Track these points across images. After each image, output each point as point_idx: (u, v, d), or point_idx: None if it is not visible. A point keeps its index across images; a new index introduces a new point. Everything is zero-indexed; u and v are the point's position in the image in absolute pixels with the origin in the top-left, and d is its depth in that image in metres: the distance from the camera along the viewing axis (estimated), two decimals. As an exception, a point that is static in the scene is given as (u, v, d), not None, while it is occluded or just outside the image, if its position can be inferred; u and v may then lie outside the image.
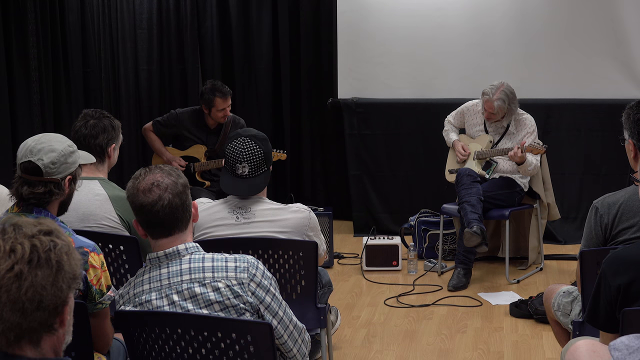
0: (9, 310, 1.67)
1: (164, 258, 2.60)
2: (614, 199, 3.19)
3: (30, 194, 2.79)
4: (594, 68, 6.68)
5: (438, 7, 6.78)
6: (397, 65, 6.93)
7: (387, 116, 7.01)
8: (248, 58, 7.55)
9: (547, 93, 6.69)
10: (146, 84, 7.60)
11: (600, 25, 6.64)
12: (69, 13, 6.62)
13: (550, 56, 6.73)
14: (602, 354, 2.48)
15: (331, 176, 7.55)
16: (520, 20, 6.74)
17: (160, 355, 2.59)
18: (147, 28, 7.54)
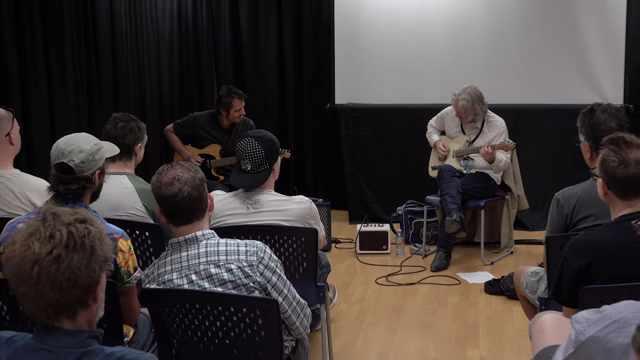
0: (48, 289, 1.69)
1: (184, 243, 2.62)
2: (573, 191, 3.21)
3: (66, 191, 2.78)
4: (558, 78, 6.67)
5: (423, 24, 6.76)
6: (387, 75, 6.90)
7: (378, 119, 6.98)
8: (257, 68, 7.51)
9: (517, 99, 6.67)
10: (168, 90, 7.58)
11: (563, 42, 6.64)
12: (100, 29, 6.61)
13: (520, 68, 6.73)
14: (564, 326, 2.44)
15: (329, 171, 7.53)
16: (493, 37, 6.73)
17: (181, 327, 2.60)
18: (168, 42, 7.52)
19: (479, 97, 5.66)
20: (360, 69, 6.98)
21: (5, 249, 1.78)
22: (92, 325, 1.81)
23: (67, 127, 5.84)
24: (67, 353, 1.74)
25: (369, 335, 4.50)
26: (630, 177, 2.52)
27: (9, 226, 2.87)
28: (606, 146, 2.61)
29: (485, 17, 6.75)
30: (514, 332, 4.49)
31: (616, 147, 2.56)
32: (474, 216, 6.08)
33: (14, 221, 2.88)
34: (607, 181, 2.59)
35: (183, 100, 7.60)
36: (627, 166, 2.52)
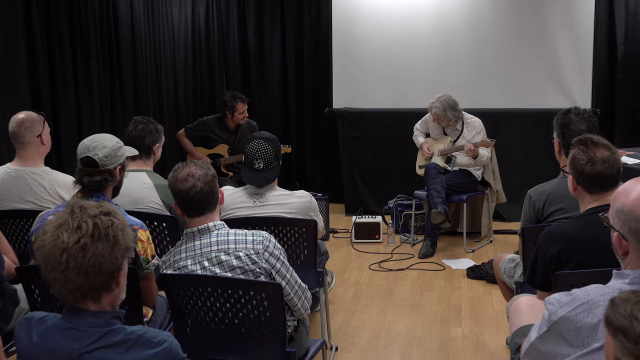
0: (75, 274, 1.69)
1: (197, 233, 2.62)
2: (543, 188, 3.22)
3: (90, 182, 2.78)
4: (532, 85, 6.68)
5: (411, 38, 6.76)
6: (379, 82, 6.89)
7: (371, 122, 6.97)
8: (262, 76, 7.50)
9: (496, 104, 6.67)
10: (183, 96, 7.60)
11: (538, 54, 6.64)
12: (122, 41, 6.61)
13: (498, 76, 6.73)
14: (538, 307, 2.47)
15: (328, 169, 7.53)
16: (474, 49, 6.73)
17: (194, 308, 2.61)
18: (183, 53, 7.53)
19: (451, 105, 5.67)
20: (355, 77, 6.97)
21: (37, 239, 1.79)
22: (115, 307, 1.82)
23: (92, 129, 5.84)
24: (92, 331, 1.75)
25: (363, 315, 4.51)
26: (597, 174, 2.54)
27: (40, 218, 2.87)
28: (576, 146, 2.63)
29: (467, 31, 6.74)
30: (493, 312, 4.50)
31: (585, 147, 2.59)
32: (457, 209, 6.09)
33: (45, 213, 2.88)
34: (576, 178, 2.61)
35: (196, 105, 7.60)
36: (594, 164, 2.54)
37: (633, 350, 1.20)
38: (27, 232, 3.38)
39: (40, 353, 1.78)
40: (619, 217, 1.84)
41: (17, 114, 3.57)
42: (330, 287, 4.64)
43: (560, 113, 3.39)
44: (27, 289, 2.75)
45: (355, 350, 3.99)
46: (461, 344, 4.05)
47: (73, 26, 5.85)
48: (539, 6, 6.62)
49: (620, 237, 1.84)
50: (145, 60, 7.12)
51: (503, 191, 6.08)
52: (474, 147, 5.55)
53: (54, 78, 5.62)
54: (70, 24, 5.82)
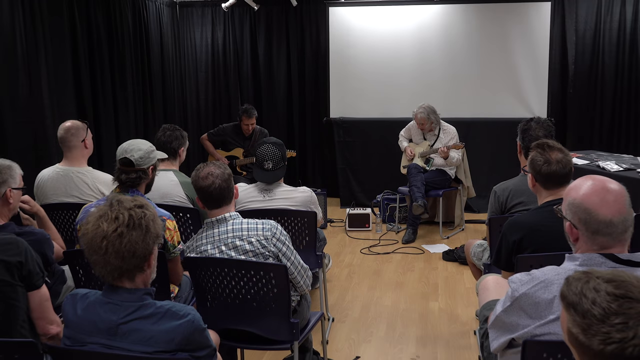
0: (113, 258, 1.70)
1: (216, 222, 2.62)
2: (506, 185, 3.22)
3: (127, 179, 2.80)
4: (498, 98, 6.69)
5: (396, 59, 6.76)
6: (368, 96, 6.89)
7: (362, 129, 6.96)
8: (270, 90, 7.49)
9: (468, 114, 6.67)
10: (204, 107, 7.61)
11: (502, 72, 6.66)
12: (153, 61, 6.61)
13: (469, 91, 6.73)
14: (503, 285, 2.45)
15: (326, 168, 7.52)
16: (449, 68, 6.73)
17: (213, 286, 2.62)
18: (204, 71, 7.55)
19: (432, 110, 5.75)
20: (348, 92, 6.97)
21: (82, 227, 1.79)
22: (147, 285, 1.83)
23: (128, 135, 5.85)
24: (128, 305, 1.75)
25: (355, 291, 4.51)
26: (552, 173, 2.55)
27: (84, 210, 2.87)
28: (534, 149, 2.63)
29: (442, 53, 6.74)
30: (465, 289, 4.51)
31: (542, 150, 2.59)
32: (434, 202, 6.09)
33: (88, 206, 2.88)
34: (534, 176, 2.61)
35: (215, 115, 7.61)
36: (550, 164, 2.55)
37: (581, 323, 1.20)
38: (73, 222, 3.38)
39: (83, 324, 1.78)
40: (570, 209, 1.84)
41: (65, 122, 3.57)
42: (327, 267, 4.65)
43: (523, 121, 3.39)
44: (72, 270, 2.76)
45: (349, 320, 4.00)
46: (438, 316, 4.06)
47: (112, 49, 5.87)
48: (503, 32, 6.62)
49: (571, 226, 1.84)
50: (172, 77, 7.12)
51: (473, 187, 6.10)
52: (446, 149, 5.59)
53: (96, 92, 5.63)
54: (109, 48, 5.83)
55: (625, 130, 6.79)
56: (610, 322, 1.15)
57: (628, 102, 6.73)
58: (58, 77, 5.07)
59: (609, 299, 1.18)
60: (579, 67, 6.79)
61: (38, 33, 4.81)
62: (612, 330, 1.14)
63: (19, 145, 4.56)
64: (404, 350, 3.58)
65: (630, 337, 1.12)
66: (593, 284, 1.22)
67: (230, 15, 7.40)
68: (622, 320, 1.14)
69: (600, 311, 1.17)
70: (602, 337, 1.15)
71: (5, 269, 2.08)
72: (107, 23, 5.81)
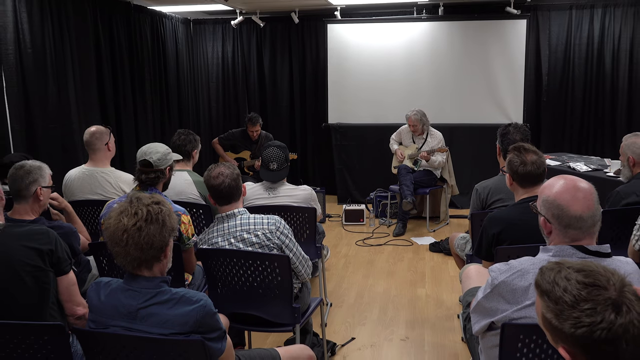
0: (133, 249, 1.70)
1: (226, 217, 2.62)
2: (487, 183, 3.21)
3: (146, 179, 2.81)
4: (479, 106, 6.66)
5: (387, 71, 6.73)
6: (363, 104, 6.86)
7: (357, 133, 6.93)
8: (275, 99, 7.47)
9: (452, 120, 6.64)
10: (215, 114, 7.61)
11: (483, 82, 6.62)
12: (169, 73, 6.63)
13: (453, 100, 6.70)
14: (483, 273, 2.48)
15: (325, 169, 7.51)
16: (436, 78, 6.70)
17: (224, 274, 2.61)
18: (215, 81, 7.55)
19: (423, 114, 5.76)
20: (345, 100, 6.95)
21: (105, 222, 1.79)
22: (164, 273, 1.82)
23: (147, 139, 5.86)
24: (146, 292, 1.75)
25: (351, 279, 4.51)
26: (528, 173, 2.55)
27: (107, 206, 2.87)
28: (512, 152, 2.63)
29: (429, 65, 6.72)
30: (449, 277, 4.50)
31: (518, 152, 2.59)
32: (421, 199, 6.09)
33: (111, 202, 2.88)
34: (512, 175, 2.61)
35: (225, 121, 7.59)
36: (525, 165, 2.55)
37: (554, 309, 1.20)
38: (97, 217, 3.37)
39: (106, 308, 1.78)
40: (544, 206, 1.84)
41: (90, 128, 3.56)
42: (326, 258, 4.65)
43: (502, 126, 3.38)
44: (97, 260, 2.75)
45: (345, 305, 4.00)
46: (425, 301, 4.06)
47: (132, 61, 5.87)
48: (483, 46, 6.61)
49: (545, 220, 1.83)
50: (186, 87, 7.13)
51: (456, 186, 6.10)
52: (426, 154, 5.63)
53: (118, 100, 5.63)
54: (130, 60, 5.83)
55: (593, 134, 6.80)
56: (580, 308, 1.15)
57: (596, 110, 6.75)
58: (84, 87, 5.07)
59: (579, 287, 1.18)
60: (552, 78, 6.80)
61: (65, 47, 4.81)
62: (582, 315, 1.14)
63: (48, 148, 4.56)
64: (395, 332, 3.58)
65: (598, 321, 1.12)
66: (564, 273, 1.22)
67: (238, 32, 7.39)
68: (590, 306, 1.14)
69: (571, 298, 1.17)
70: (573, 322, 1.15)
71: (38, 255, 2.10)
72: (128, 38, 5.81)
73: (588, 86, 6.72)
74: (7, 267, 2.05)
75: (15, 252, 2.07)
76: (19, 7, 4.29)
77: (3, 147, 4.15)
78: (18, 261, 2.06)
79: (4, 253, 2.06)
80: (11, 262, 2.05)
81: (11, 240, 2.08)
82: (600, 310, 1.13)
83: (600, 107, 6.72)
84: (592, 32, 6.60)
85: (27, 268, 2.07)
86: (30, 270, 2.08)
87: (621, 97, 6.60)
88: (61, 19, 4.75)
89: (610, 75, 6.61)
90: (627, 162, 3.13)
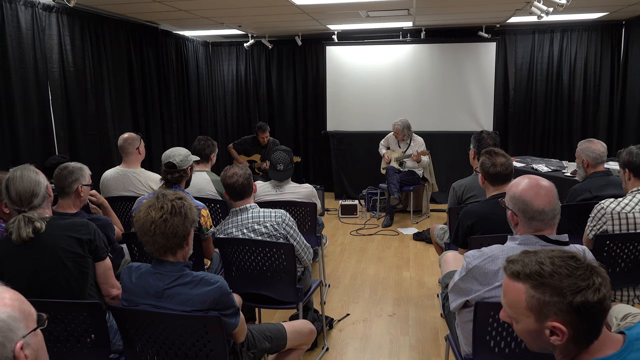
0: (160, 238, 1.70)
1: (239, 211, 2.61)
2: (462, 182, 3.20)
3: (171, 178, 2.80)
4: (455, 116, 6.65)
5: (377, 86, 6.72)
6: (356, 114, 6.84)
7: (351, 139, 6.91)
8: (281, 110, 7.46)
9: (433, 128, 6.62)
10: (230, 123, 7.58)
11: (459, 95, 6.62)
12: (191, 87, 6.62)
13: (434, 110, 6.69)
14: (459, 259, 2.48)
15: (324, 169, 7.50)
16: (419, 92, 6.70)
17: (237, 259, 2.60)
18: (230, 95, 7.52)
19: (407, 125, 5.72)
20: (341, 111, 6.93)
21: (135, 215, 1.78)
22: (186, 259, 1.81)
23: (172, 144, 5.86)
24: (171, 275, 1.74)
25: (346, 264, 4.50)
26: (497, 173, 2.54)
27: (137, 201, 2.86)
28: (484, 155, 2.62)
29: (413, 81, 6.71)
30: (430, 262, 4.50)
31: (489, 155, 2.58)
32: (406, 195, 6.08)
33: (141, 198, 2.88)
34: (484, 175, 2.60)
35: (239, 128, 7.57)
36: (495, 166, 2.54)
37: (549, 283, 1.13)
38: (129, 210, 3.36)
39: (137, 289, 1.77)
40: (511, 201, 1.83)
41: (123, 134, 3.55)
42: (325, 246, 4.64)
43: (476, 133, 3.37)
44: (129, 247, 2.75)
45: (341, 286, 3.99)
46: (409, 282, 4.05)
47: (159, 78, 5.86)
48: (459, 65, 6.60)
49: (512, 214, 1.83)
50: (205, 100, 7.12)
51: (436, 184, 6.07)
52: (417, 154, 5.59)
53: (147, 111, 5.62)
54: (157, 76, 5.82)
55: (552, 140, 6.81)
56: (576, 275, 1.11)
57: (555, 119, 6.75)
58: (118, 100, 5.06)
59: (565, 259, 1.14)
60: (517, 92, 6.79)
61: (102, 66, 4.80)
62: (578, 280, 1.10)
63: (88, 151, 4.55)
64: (384, 309, 3.57)
65: (592, 283, 1.09)
66: (542, 255, 1.17)
67: (250, 52, 7.38)
68: (582, 272, 1.11)
69: (565, 270, 1.12)
70: (572, 288, 1.09)
71: (78, 244, 2.09)
72: (156, 58, 5.80)
73: (548, 99, 6.73)
74: (53, 254, 2.04)
75: (59, 241, 2.06)
76: (63, 31, 4.28)
77: (49, 151, 4.14)
78: (61, 249, 2.05)
79: (50, 242, 2.05)
80: (56, 249, 2.05)
81: (56, 230, 2.08)
82: (588, 275, 1.10)
83: (558, 117, 6.73)
84: (552, 52, 6.61)
85: (69, 255, 2.06)
86: (71, 257, 2.07)
87: (576, 108, 6.62)
88: (99, 41, 4.74)
89: (568, 89, 6.62)
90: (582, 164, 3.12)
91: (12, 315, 0.96)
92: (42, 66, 4.04)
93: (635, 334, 1.14)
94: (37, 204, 2.08)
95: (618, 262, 2.46)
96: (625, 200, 2.48)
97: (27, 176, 2.09)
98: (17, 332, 0.96)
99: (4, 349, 0.93)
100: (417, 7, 4.89)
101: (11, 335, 0.94)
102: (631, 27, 6.16)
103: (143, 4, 4.36)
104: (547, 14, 4.27)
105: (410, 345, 3.05)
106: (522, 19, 5.98)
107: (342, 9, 4.96)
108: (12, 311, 0.96)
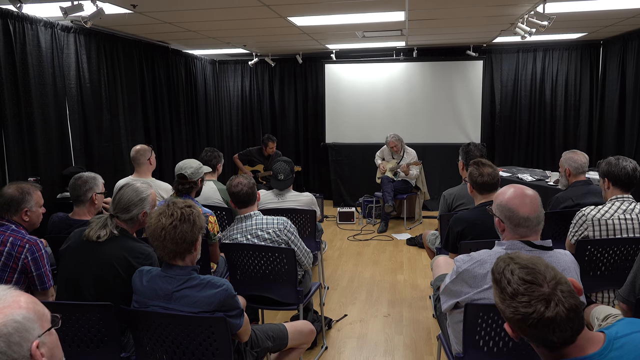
0: (170, 243, 1.69)
1: (244, 218, 2.61)
2: (452, 190, 3.19)
3: (182, 189, 2.80)
4: (445, 129, 6.66)
5: (372, 100, 6.74)
6: (353, 127, 6.85)
7: (349, 151, 6.92)
8: (283, 123, 7.46)
9: (424, 140, 6.63)
10: (235, 135, 7.57)
11: (449, 110, 6.63)
12: (199, 102, 6.63)
13: (426, 123, 6.70)
14: (450, 263, 2.48)
15: (323, 179, 7.49)
16: (411, 106, 6.71)
17: (242, 263, 2.59)
18: (236, 109, 7.53)
19: (399, 138, 5.75)
20: (338, 124, 6.94)
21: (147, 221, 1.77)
22: (194, 263, 1.81)
23: (181, 155, 5.85)
24: (179, 278, 1.73)
25: (344, 267, 4.49)
26: (484, 182, 2.54)
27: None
28: (472, 165, 2.62)
29: (406, 96, 6.72)
30: (422, 266, 4.48)
31: (477, 166, 2.58)
32: (400, 203, 6.07)
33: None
34: (472, 184, 2.59)
35: (243, 141, 7.57)
36: (482, 176, 2.53)
37: (499, 295, 1.18)
38: (141, 217, 3.35)
39: (147, 291, 1.77)
40: (498, 209, 1.83)
41: (136, 146, 3.55)
42: (324, 250, 4.63)
43: (464, 145, 3.38)
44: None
45: (339, 289, 3.97)
46: (403, 285, 4.04)
47: (170, 93, 5.88)
48: (449, 81, 6.63)
49: (499, 220, 1.82)
50: (213, 114, 7.13)
51: (428, 192, 6.08)
52: (406, 167, 5.61)
53: (158, 124, 5.63)
54: (168, 92, 5.84)
55: (536, 151, 6.82)
56: (518, 300, 1.13)
57: (538, 132, 6.77)
58: (131, 114, 5.07)
59: (519, 282, 1.15)
60: (503, 107, 6.81)
61: (117, 82, 4.82)
62: (519, 306, 1.12)
63: (102, 162, 4.55)
64: (379, 310, 3.56)
65: (531, 312, 1.10)
66: (511, 267, 1.19)
67: (254, 70, 7.41)
68: (526, 300, 1.12)
69: (512, 290, 1.14)
70: (512, 309, 1.13)
71: (127, 267, 1.95)
72: (167, 75, 5.82)
73: (532, 113, 6.75)
74: (107, 265, 1.95)
75: (115, 258, 1.95)
76: (80, 50, 4.30)
77: (66, 161, 4.14)
78: (109, 264, 1.95)
79: (109, 255, 1.96)
80: (109, 262, 1.95)
81: (119, 248, 1.97)
82: (533, 303, 1.11)
83: (542, 129, 6.75)
84: (535, 70, 6.65)
85: (114, 271, 1.96)
86: (115, 274, 1.95)
87: (558, 122, 6.64)
88: (113, 60, 4.76)
89: (550, 104, 6.65)
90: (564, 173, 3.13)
91: (27, 316, 0.96)
92: (60, 82, 4.05)
93: (614, 333, 1.14)
94: (129, 216, 2.06)
95: (599, 265, 2.46)
96: (605, 208, 2.48)
97: (135, 188, 2.10)
98: (33, 332, 0.97)
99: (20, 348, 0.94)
100: (409, 28, 4.93)
101: (27, 335, 0.95)
102: (608, 46, 6.21)
103: (155, 25, 4.39)
104: (531, 34, 4.31)
105: (404, 344, 3.03)
106: (507, 39, 6.03)
107: (340, 29, 5.00)
108: (27, 313, 0.97)
